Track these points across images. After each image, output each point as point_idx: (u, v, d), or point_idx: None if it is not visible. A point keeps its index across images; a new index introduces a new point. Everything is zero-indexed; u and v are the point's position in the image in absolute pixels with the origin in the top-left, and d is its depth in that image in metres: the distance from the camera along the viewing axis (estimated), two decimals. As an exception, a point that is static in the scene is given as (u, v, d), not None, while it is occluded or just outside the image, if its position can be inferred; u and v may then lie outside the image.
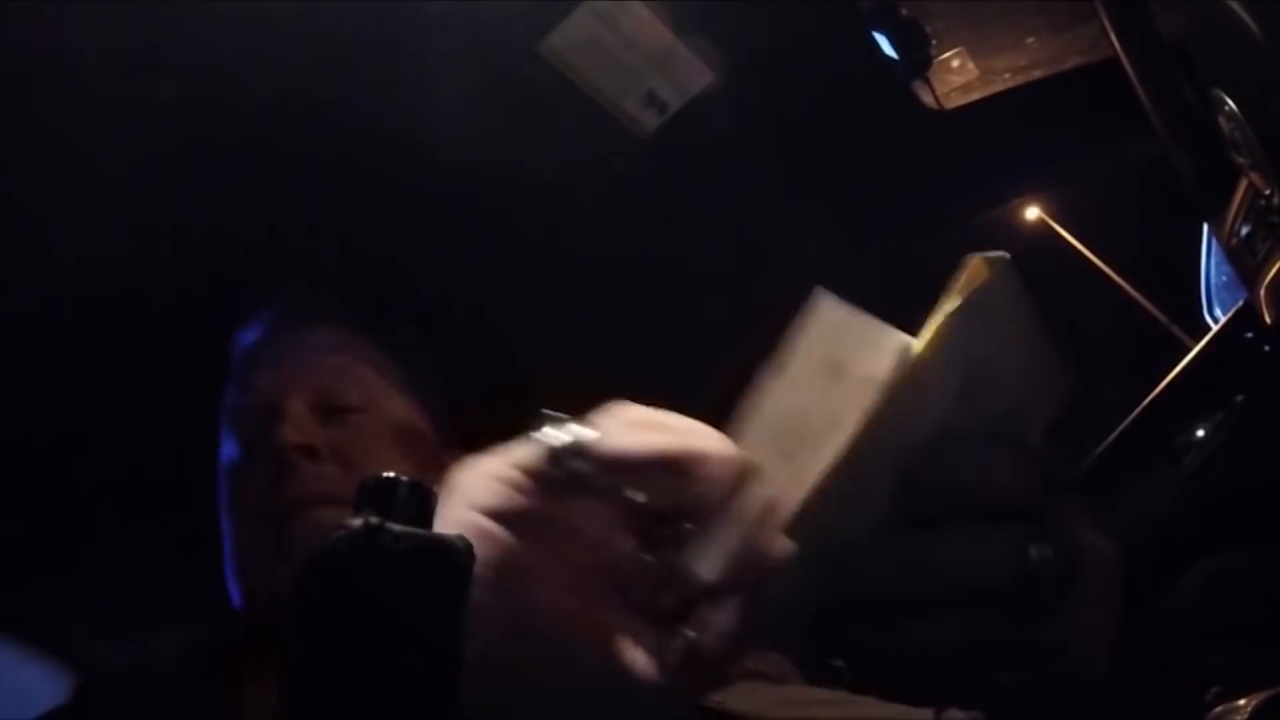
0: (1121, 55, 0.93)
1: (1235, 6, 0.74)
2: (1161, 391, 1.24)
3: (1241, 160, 0.88)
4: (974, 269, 0.44)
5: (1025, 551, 0.42)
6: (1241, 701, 0.86)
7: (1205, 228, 1.40)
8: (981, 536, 0.43)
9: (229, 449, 0.97)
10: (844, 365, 0.43)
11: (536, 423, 0.43)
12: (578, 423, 0.43)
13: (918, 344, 0.43)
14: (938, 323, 0.43)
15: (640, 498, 0.43)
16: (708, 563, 0.41)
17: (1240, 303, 1.18)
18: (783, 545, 0.42)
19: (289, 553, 0.87)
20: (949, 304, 0.43)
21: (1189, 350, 1.27)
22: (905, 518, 0.43)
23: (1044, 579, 0.42)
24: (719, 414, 0.45)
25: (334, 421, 0.95)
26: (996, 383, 0.45)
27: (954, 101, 1.32)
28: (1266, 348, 1.16)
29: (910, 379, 0.42)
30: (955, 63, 1.27)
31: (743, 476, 0.42)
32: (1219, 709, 0.88)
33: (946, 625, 0.42)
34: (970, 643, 0.42)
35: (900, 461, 0.43)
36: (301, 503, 0.89)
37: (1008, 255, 0.44)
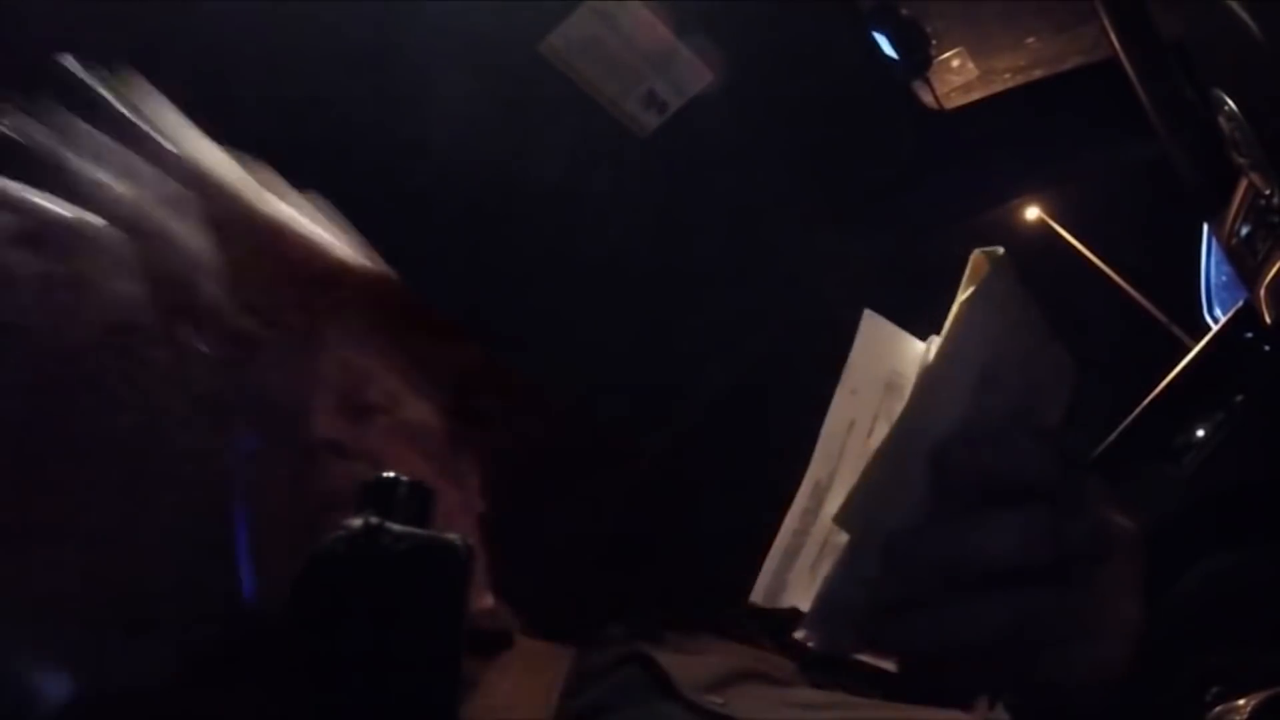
0: (1121, 55, 0.93)
1: (1235, 6, 0.74)
2: (1161, 391, 1.24)
3: (1241, 160, 0.88)
4: (976, 263, 0.47)
5: (1059, 530, 0.43)
6: (1241, 701, 0.86)
7: (1205, 228, 1.40)
8: (1014, 518, 0.43)
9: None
10: (896, 381, 0.48)
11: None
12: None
13: (938, 340, 0.47)
14: (952, 317, 0.46)
15: None
16: None
17: (1240, 303, 1.18)
18: None
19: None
20: (960, 297, 0.46)
21: (1189, 350, 1.27)
22: (940, 507, 0.44)
23: (1080, 556, 0.43)
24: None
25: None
26: (1012, 370, 0.47)
27: (954, 101, 1.32)
28: (1266, 348, 1.16)
29: (934, 371, 0.45)
30: (955, 63, 1.27)
31: None
32: (1219, 709, 0.88)
33: (988, 609, 0.43)
34: (1013, 625, 0.43)
35: (932, 453, 0.45)
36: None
37: (1001, 249, 0.46)
